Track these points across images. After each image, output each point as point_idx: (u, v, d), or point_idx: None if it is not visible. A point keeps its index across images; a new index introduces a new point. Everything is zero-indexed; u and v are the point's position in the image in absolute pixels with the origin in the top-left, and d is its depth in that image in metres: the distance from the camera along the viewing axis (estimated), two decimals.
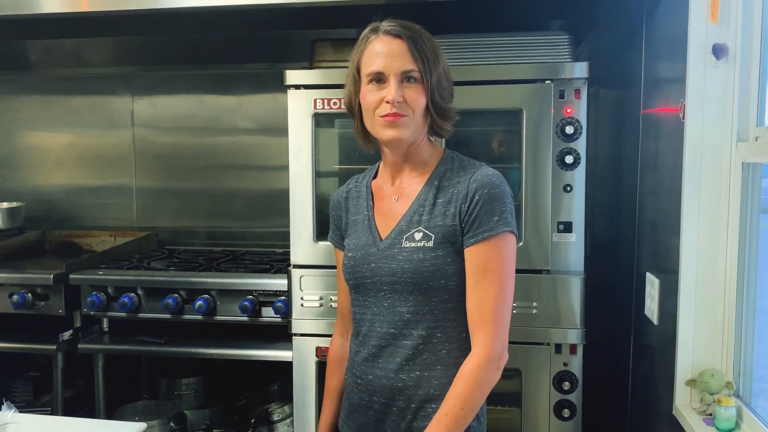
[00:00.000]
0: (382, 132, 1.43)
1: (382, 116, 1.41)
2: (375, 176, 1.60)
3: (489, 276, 1.39)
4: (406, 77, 1.41)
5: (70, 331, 2.54)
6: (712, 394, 1.56)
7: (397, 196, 1.52)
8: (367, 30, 1.47)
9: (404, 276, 1.43)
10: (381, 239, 1.49)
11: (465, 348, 1.44)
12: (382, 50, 1.42)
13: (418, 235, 1.44)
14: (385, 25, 1.44)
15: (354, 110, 1.51)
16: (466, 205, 1.41)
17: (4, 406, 1.51)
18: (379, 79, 1.42)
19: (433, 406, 1.42)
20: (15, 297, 2.49)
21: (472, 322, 1.41)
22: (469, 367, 1.39)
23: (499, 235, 1.39)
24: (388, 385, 1.46)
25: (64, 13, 2.21)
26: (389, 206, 1.52)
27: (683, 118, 1.59)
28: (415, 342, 1.44)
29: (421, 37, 1.43)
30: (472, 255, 1.41)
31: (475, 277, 1.40)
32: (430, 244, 1.42)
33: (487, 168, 1.47)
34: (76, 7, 2.20)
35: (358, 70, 1.46)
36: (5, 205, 3.09)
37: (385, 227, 1.50)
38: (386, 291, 1.46)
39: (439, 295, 1.43)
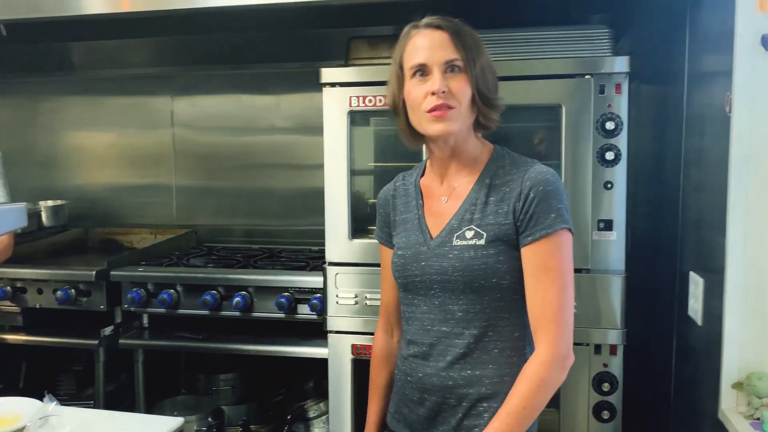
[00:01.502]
0: (429, 127, 1.41)
1: (429, 111, 1.40)
2: (423, 174, 1.59)
3: (550, 274, 1.37)
4: (449, 67, 1.40)
5: (112, 327, 2.59)
6: (760, 398, 1.50)
7: (446, 196, 1.50)
8: (407, 27, 1.47)
9: (455, 274, 1.42)
10: (431, 238, 1.48)
11: (518, 348, 1.43)
12: (424, 43, 1.41)
13: (469, 234, 1.42)
14: (425, 20, 1.44)
15: (398, 108, 1.49)
16: (521, 204, 1.39)
17: (45, 399, 1.54)
18: (422, 72, 1.41)
19: (485, 404, 1.42)
20: (59, 293, 2.55)
21: (535, 322, 1.39)
22: (532, 366, 1.37)
23: (557, 232, 1.37)
24: (439, 383, 1.45)
25: (107, 14, 2.25)
26: (439, 206, 1.51)
27: (729, 111, 1.54)
28: (466, 341, 1.43)
29: (463, 28, 1.42)
30: (530, 254, 1.39)
31: (536, 277, 1.38)
32: (482, 242, 1.41)
33: (540, 165, 1.45)
34: (118, 8, 2.24)
35: (401, 67, 1.45)
36: (50, 203, 3.16)
37: (435, 226, 1.49)
38: (436, 289, 1.45)
39: (492, 294, 1.41)
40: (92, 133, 3.35)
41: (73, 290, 2.56)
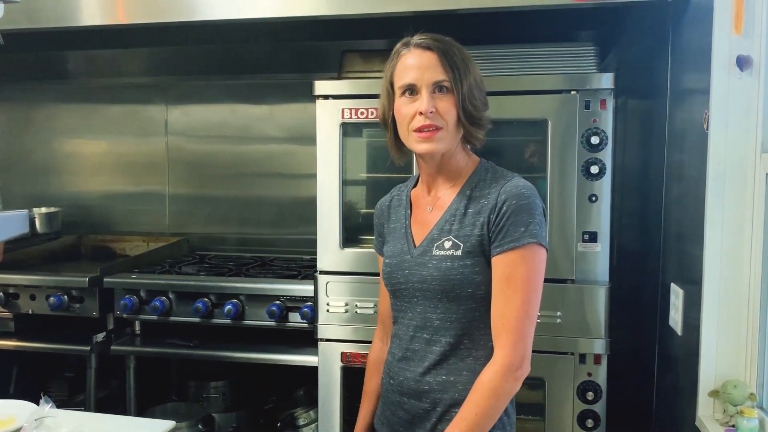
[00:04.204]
0: (416, 146, 1.47)
1: (416, 130, 1.44)
2: (415, 185, 1.64)
3: (512, 286, 1.40)
4: (437, 88, 1.44)
5: (104, 333, 2.61)
6: (735, 406, 1.55)
7: (431, 206, 1.55)
8: (399, 44, 1.51)
9: (433, 283, 1.46)
10: (415, 247, 1.52)
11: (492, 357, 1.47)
12: (413, 63, 1.45)
13: (447, 244, 1.47)
14: (416, 38, 1.48)
15: (387, 123, 1.54)
16: (494, 216, 1.43)
17: (42, 401, 1.57)
18: (411, 91, 1.45)
19: (457, 410, 1.45)
20: (52, 299, 2.57)
21: (494, 331, 1.43)
22: (486, 375, 1.41)
23: (525, 246, 1.40)
24: (415, 387, 1.50)
25: (103, 25, 2.29)
26: (424, 216, 1.55)
27: (707, 129, 1.60)
28: (442, 348, 1.47)
29: (452, 48, 1.46)
30: (497, 264, 1.43)
31: (499, 287, 1.42)
32: (459, 253, 1.45)
33: (518, 179, 1.49)
34: (114, 20, 2.28)
35: (392, 84, 1.50)
36: (44, 210, 3.19)
37: (419, 235, 1.54)
38: (418, 297, 1.50)
39: (467, 303, 1.45)
40: (86, 141, 3.37)
41: (65, 296, 2.58)
